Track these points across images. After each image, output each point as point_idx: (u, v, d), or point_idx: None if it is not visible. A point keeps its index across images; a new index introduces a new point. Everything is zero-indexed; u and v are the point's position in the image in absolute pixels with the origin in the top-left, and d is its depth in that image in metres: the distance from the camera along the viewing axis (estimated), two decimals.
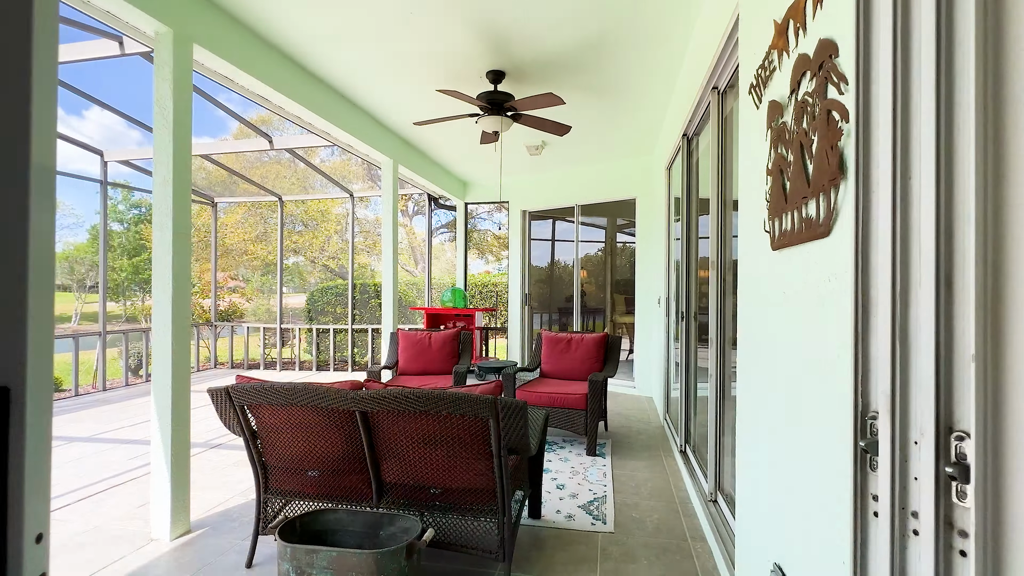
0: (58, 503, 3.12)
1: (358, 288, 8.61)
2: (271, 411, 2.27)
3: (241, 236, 18.56)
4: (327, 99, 4.19)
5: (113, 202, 34.26)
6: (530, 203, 7.46)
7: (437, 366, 4.89)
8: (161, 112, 2.64)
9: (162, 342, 2.64)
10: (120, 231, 33.00)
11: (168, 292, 2.63)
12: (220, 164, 7.28)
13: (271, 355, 8.66)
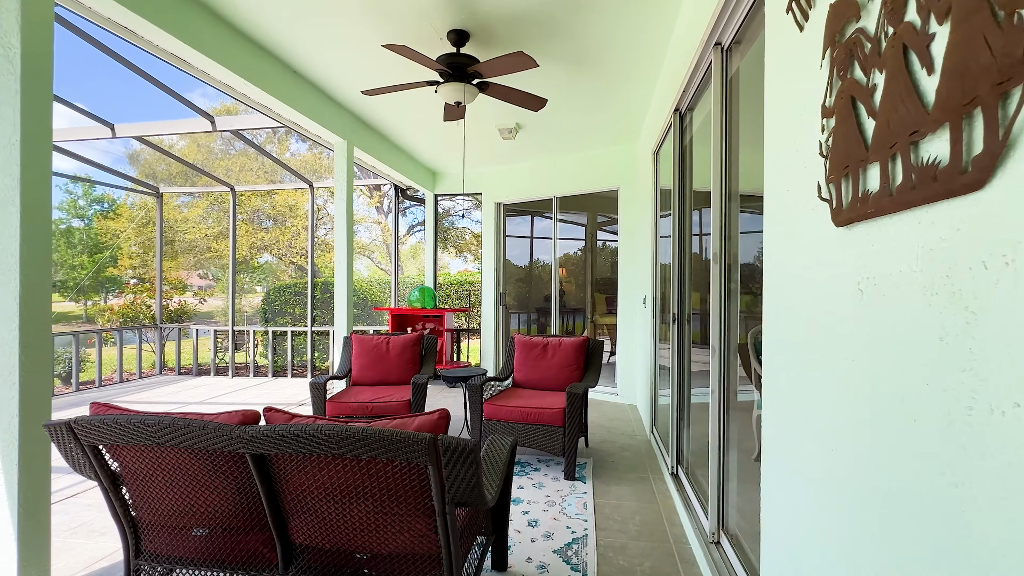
0: None
1: (319, 287, 7.94)
2: (136, 452, 1.67)
3: (203, 232, 17.57)
4: (262, 65, 3.56)
5: (72, 197, 32.62)
6: (505, 195, 6.91)
7: (396, 375, 4.30)
8: (4, 51, 2.00)
9: (5, 354, 2.00)
10: (81, 227, 31.39)
11: (13, 288, 1.99)
12: (155, 147, 6.53)
13: (223, 359, 7.92)
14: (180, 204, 18.01)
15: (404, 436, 1.44)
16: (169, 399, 6.13)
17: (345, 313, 4.74)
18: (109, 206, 32.87)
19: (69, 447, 1.66)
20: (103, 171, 7.03)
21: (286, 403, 5.87)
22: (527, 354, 4.17)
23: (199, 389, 6.68)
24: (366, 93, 3.36)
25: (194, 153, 18.30)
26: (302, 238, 18.04)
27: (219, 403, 5.95)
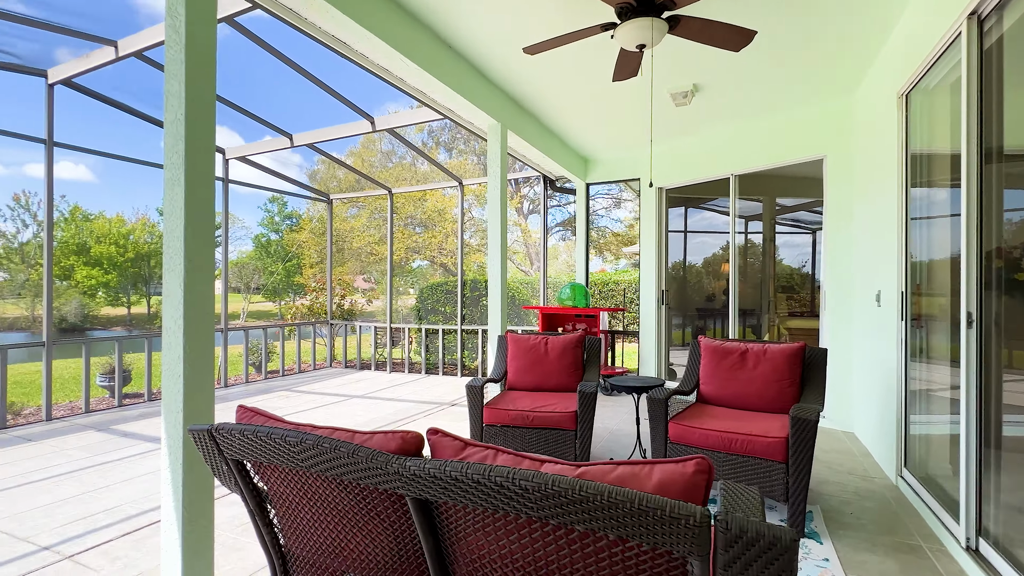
0: (99, 537, 2.58)
1: (468, 285, 7.86)
2: (280, 474, 1.33)
3: (366, 239, 19.36)
4: (418, 37, 3.30)
5: (270, 214, 38.84)
6: (669, 178, 6.03)
7: (555, 380, 3.78)
8: (172, 20, 1.87)
9: (172, 346, 1.87)
10: (275, 239, 37.28)
11: (180, 278, 1.85)
12: (326, 154, 6.96)
13: (381, 355, 8.29)
14: (348, 216, 20.11)
15: (648, 504, 0.83)
16: (335, 391, 6.46)
17: (500, 310, 4.37)
18: (295, 221, 38.50)
19: (213, 456, 1.39)
20: (285, 181, 7.77)
21: (438, 401, 5.77)
22: (718, 363, 3.33)
23: (361, 383, 6.97)
24: (528, 51, 2.88)
25: (358, 165, 20.29)
26: (450, 241, 18.89)
27: (377, 397, 6.08)
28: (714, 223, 7.42)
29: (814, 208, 6.55)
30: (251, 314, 35.58)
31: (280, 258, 34.29)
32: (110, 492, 3.18)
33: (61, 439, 4.36)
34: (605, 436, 4.29)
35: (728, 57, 3.70)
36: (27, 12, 4.10)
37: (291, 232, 33.95)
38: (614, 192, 20.87)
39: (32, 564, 2.32)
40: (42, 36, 4.46)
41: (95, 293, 33.06)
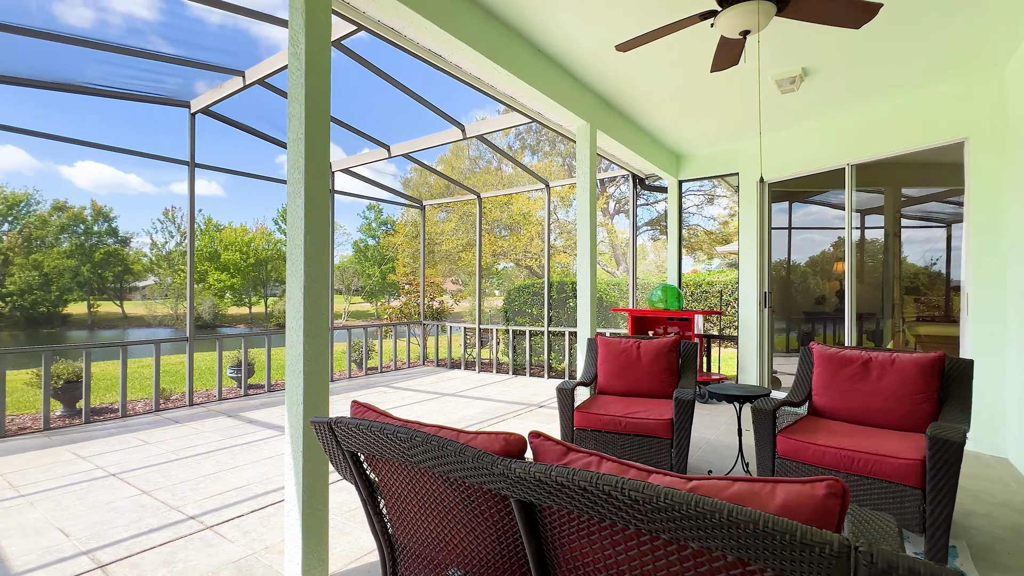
0: (233, 511, 2.91)
1: (555, 287, 7.86)
2: (390, 467, 1.41)
3: (455, 243, 20.07)
4: (508, 45, 3.36)
5: (367, 221, 41.51)
6: (773, 172, 5.60)
7: (648, 385, 3.66)
8: (294, 48, 2.07)
9: (294, 344, 2.05)
10: (372, 244, 39.79)
11: (300, 282, 2.03)
12: (419, 162, 7.31)
13: (470, 355, 8.54)
14: (438, 220, 21.00)
15: (775, 527, 0.77)
16: (428, 388, 6.75)
17: (589, 312, 4.32)
18: (390, 227, 40.86)
19: (331, 447, 1.50)
20: (382, 189, 8.28)
21: (526, 402, 5.82)
22: (834, 373, 3.02)
23: (452, 382, 7.23)
24: (620, 48, 2.82)
25: (448, 171, 21.12)
26: (535, 244, 19.02)
27: (467, 396, 6.26)
28: (823, 218, 6.77)
29: (949, 198, 5.74)
30: (351, 314, 38.44)
31: (376, 262, 36.71)
32: (240, 472, 3.57)
33: (200, 422, 4.98)
34: (701, 446, 4.07)
35: (844, 35, 3.35)
36: (173, 52, 4.75)
37: (386, 237, 36.25)
38: (706, 189, 19.80)
39: (183, 530, 2.68)
40: (184, 72, 5.13)
41: (223, 294, 37.58)
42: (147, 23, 4.82)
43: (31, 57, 4.39)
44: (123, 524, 2.76)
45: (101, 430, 4.72)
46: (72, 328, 34.25)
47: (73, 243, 34.35)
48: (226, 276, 37.02)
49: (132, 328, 35.60)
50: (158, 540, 2.57)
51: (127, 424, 4.94)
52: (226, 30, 4.56)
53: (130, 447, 4.17)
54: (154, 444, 4.25)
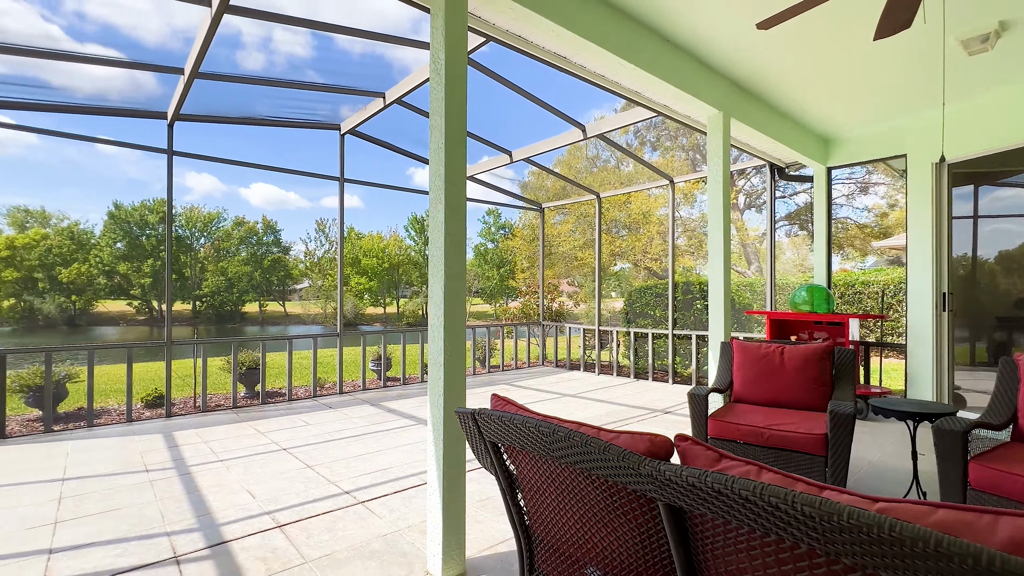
0: (379, 491, 3.21)
1: (680, 288, 7.46)
2: (529, 459, 1.45)
3: (571, 244, 20.06)
4: (633, 38, 3.27)
5: (487, 225, 43.29)
6: (952, 149, 4.73)
7: (794, 395, 3.30)
8: (434, 64, 2.23)
9: (435, 341, 2.21)
10: (491, 248, 41.36)
11: (441, 283, 2.18)
12: (538, 164, 7.42)
13: (589, 357, 8.46)
14: (555, 222, 21.18)
15: (1010, 567, 0.64)
16: (549, 388, 6.83)
17: (722, 314, 4.03)
18: (508, 230, 42.11)
19: (473, 436, 1.59)
20: (502, 193, 8.57)
21: (649, 407, 5.60)
22: None
23: (571, 383, 7.23)
24: (761, 26, 2.58)
25: (565, 173, 21.21)
26: (655, 244, 18.28)
27: (588, 398, 6.21)
28: (1022, 203, 5.55)
29: None
30: (472, 315, 40.38)
31: (495, 264, 38.15)
32: (383, 456, 3.94)
33: (348, 409, 5.59)
34: (862, 468, 3.56)
35: None
36: (323, 80, 5.40)
37: (504, 240, 37.51)
38: (858, 176, 17.40)
39: (340, 503, 3.02)
40: (333, 98, 5.80)
41: (363, 296, 41.86)
42: (303, 59, 5.53)
43: (220, 98, 5.30)
44: (294, 492, 3.20)
45: (273, 411, 5.53)
46: (248, 324, 40.70)
47: (249, 252, 40.93)
48: (365, 279, 41.14)
49: (291, 324, 41.27)
50: (321, 509, 2.94)
51: (292, 407, 5.72)
52: (366, 57, 5.17)
53: (295, 427, 4.82)
54: (314, 425, 4.86)
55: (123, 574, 2.26)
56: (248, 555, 2.42)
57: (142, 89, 5.09)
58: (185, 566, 2.32)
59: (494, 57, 12.19)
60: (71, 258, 34.86)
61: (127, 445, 4.22)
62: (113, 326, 36.49)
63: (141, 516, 2.85)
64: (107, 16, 42.89)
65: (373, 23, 29.96)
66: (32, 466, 3.69)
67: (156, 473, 3.54)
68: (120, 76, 5.40)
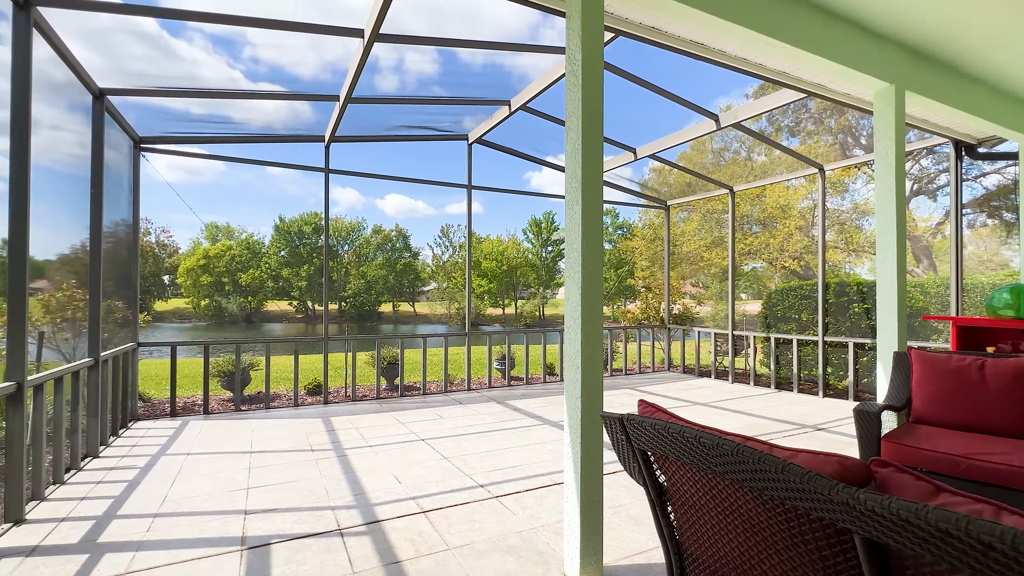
0: (512, 487, 3.29)
1: (832, 289, 6.61)
2: (685, 471, 1.36)
3: (696, 243, 18.89)
4: (782, 14, 2.96)
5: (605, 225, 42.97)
6: None
7: (1001, 419, 2.72)
8: (570, 65, 2.23)
9: (572, 342, 2.20)
10: (609, 248, 40.62)
11: (577, 284, 2.16)
12: (663, 160, 7.08)
13: (722, 363, 7.85)
14: (678, 220, 20.11)
15: None
16: (676, 395, 6.47)
17: (896, 319, 3.47)
18: (626, 230, 41.08)
19: (620, 443, 1.54)
20: (624, 192, 8.33)
21: (796, 422, 5.02)
22: None
23: (701, 390, 6.77)
24: None
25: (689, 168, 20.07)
26: (794, 241, 16.44)
27: (721, 407, 5.76)
28: None
29: None
30: None
31: (613, 265, 37.35)
32: (512, 453, 4.04)
33: (476, 405, 5.84)
34: None
35: None
36: (447, 94, 5.71)
37: (623, 240, 36.54)
38: None
39: (476, 495, 3.16)
40: (457, 110, 6.11)
41: (483, 297, 43.71)
42: (430, 76, 5.91)
43: (361, 119, 5.85)
44: (434, 480, 3.42)
45: (410, 403, 5.98)
46: (383, 322, 44.79)
47: (384, 258, 45.11)
48: (484, 281, 42.90)
49: (420, 323, 44.54)
50: (459, 500, 3.09)
51: (426, 401, 6.14)
52: (488, 68, 5.43)
53: (430, 420, 5.15)
54: (446, 419, 5.16)
55: (300, 539, 2.59)
56: (398, 535, 2.63)
57: (300, 118, 6.02)
58: (348, 538, 2.60)
59: (614, 53, 11.79)
60: (248, 265, 41.40)
61: (295, 426, 4.86)
62: (278, 322, 42.58)
63: (310, 490, 3.25)
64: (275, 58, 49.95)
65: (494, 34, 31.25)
66: (229, 439, 4.42)
67: (319, 453, 4.03)
68: (283, 108, 6.39)
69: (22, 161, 2.79)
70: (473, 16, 24.17)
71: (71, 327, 4.23)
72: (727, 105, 21.88)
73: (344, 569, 2.30)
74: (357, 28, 3.71)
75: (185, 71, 47.57)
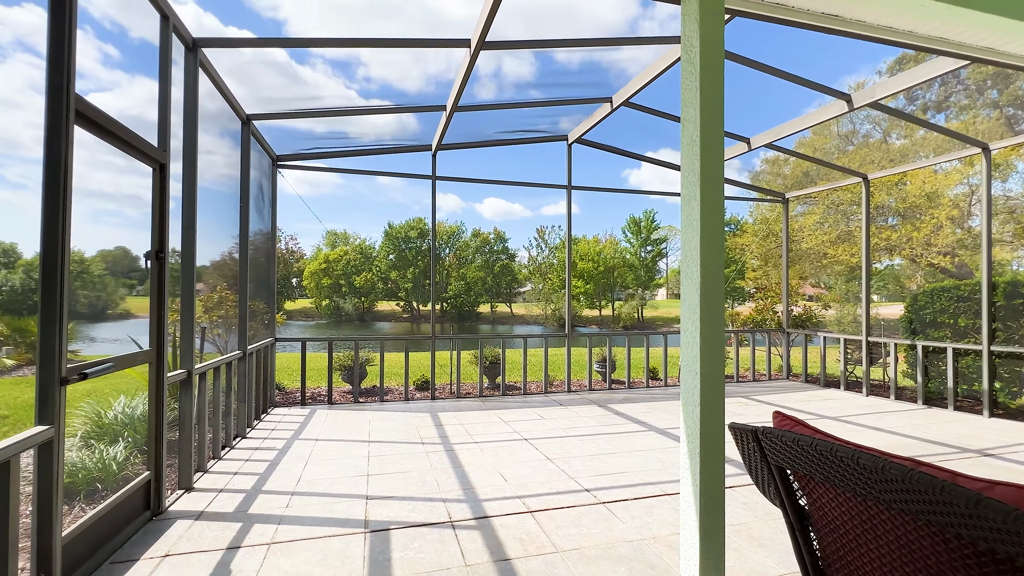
0: (618, 494, 3.19)
1: (1001, 290, 5.60)
2: (834, 495, 1.21)
3: (818, 239, 17.07)
4: None
5: None
6: None
7: None
8: (687, 53, 2.10)
9: (690, 346, 2.07)
10: None
11: (695, 284, 2.03)
12: (781, 149, 6.47)
13: (854, 373, 6.99)
14: (795, 214, 18.34)
15: None
16: (798, 406, 5.87)
17: None
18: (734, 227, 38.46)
19: (753, 459, 1.41)
20: (736, 186, 7.76)
21: (956, 445, 4.30)
22: None
23: (829, 402, 6.08)
24: None
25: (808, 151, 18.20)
26: (944, 234, 14.20)
27: (853, 423, 5.13)
28: None
29: None
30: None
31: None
32: (617, 459, 3.92)
33: (577, 407, 5.77)
34: None
35: None
36: (544, 96, 5.69)
37: (731, 237, 34.16)
38: None
39: (582, 499, 3.11)
40: (552, 111, 6.07)
41: (579, 298, 43.32)
42: (527, 80, 5.96)
43: (462, 127, 6.04)
44: (539, 481, 3.42)
45: (511, 402, 6.08)
46: (481, 322, 46.21)
47: (482, 260, 46.57)
48: (580, 282, 42.47)
49: (516, 324, 45.30)
50: (565, 502, 3.07)
51: (527, 400, 6.20)
52: (584, 65, 5.34)
53: (532, 419, 5.19)
54: (548, 420, 5.16)
55: (415, 527, 2.73)
56: (507, 533, 2.66)
57: (406, 129, 6.48)
58: (459, 531, 2.69)
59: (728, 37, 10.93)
60: (361, 268, 45.03)
61: (406, 419, 5.16)
62: (387, 321, 45.78)
63: (422, 481, 3.43)
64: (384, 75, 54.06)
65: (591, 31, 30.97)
66: (349, 428, 4.82)
67: (429, 446, 4.23)
68: (392, 121, 6.95)
69: (190, 182, 3.27)
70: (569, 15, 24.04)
71: (223, 324, 4.88)
72: (857, 83, 19.53)
73: (457, 561, 2.38)
74: (464, 38, 3.85)
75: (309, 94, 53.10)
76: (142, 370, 3.38)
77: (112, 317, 35.18)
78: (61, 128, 2.00)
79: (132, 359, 2.64)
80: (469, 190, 78.44)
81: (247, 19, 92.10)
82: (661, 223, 45.92)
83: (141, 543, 2.54)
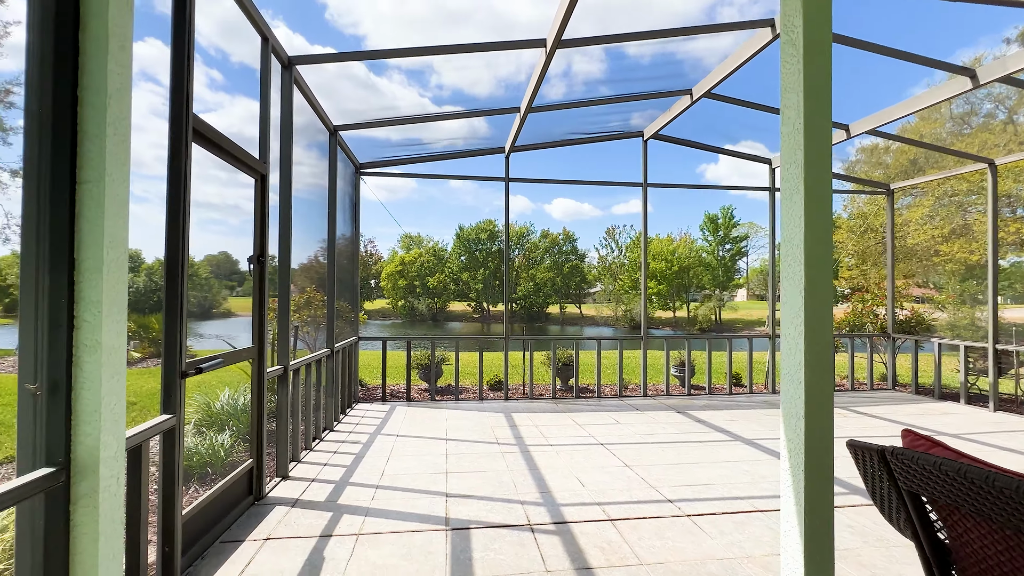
0: (704, 507, 3.02)
1: None
2: (986, 530, 1.04)
3: (928, 234, 15.34)
4: None
5: None
6: None
7: None
8: (787, 34, 1.93)
9: (792, 353, 1.90)
10: None
11: (799, 286, 1.86)
12: (891, 136, 5.84)
13: (977, 385, 6.17)
14: (899, 207, 16.59)
15: None
16: (906, 420, 5.27)
17: None
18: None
19: (878, 483, 1.26)
20: (833, 179, 7.12)
21: None
22: None
23: (947, 417, 5.41)
24: None
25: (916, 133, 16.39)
26: None
27: (981, 442, 4.51)
28: None
29: None
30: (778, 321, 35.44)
31: None
32: (700, 469, 3.72)
33: (654, 413, 5.56)
34: None
35: None
36: (614, 92, 5.51)
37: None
38: None
39: (665, 510, 2.98)
40: (624, 107, 5.87)
41: (651, 299, 41.97)
42: (596, 78, 5.81)
43: (531, 128, 6.00)
44: (618, 488, 3.32)
45: (585, 405, 5.97)
46: (550, 323, 46.11)
47: (551, 260, 46.43)
48: (653, 283, 41.14)
49: (586, 325, 44.71)
50: (647, 512, 2.95)
51: (601, 404, 6.07)
52: (657, 58, 5.10)
53: (607, 424, 5.06)
54: (624, 425, 5.01)
55: (495, 527, 2.74)
56: (587, 540, 2.60)
57: (477, 133, 6.62)
58: (538, 535, 2.66)
59: None
60: (434, 269, 46.54)
61: (481, 419, 5.22)
62: (458, 321, 46.97)
63: (499, 481, 3.44)
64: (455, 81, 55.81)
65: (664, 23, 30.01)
66: (427, 425, 4.96)
67: (504, 447, 4.25)
68: (464, 126, 7.37)
69: (286, 191, 3.51)
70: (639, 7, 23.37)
71: (311, 323, 5.20)
72: (974, 58, 17.33)
73: (537, 566, 2.35)
74: (540, 39, 3.83)
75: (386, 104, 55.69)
76: (242, 365, 3.67)
77: (216, 315, 38.92)
78: (181, 146, 2.21)
79: (238, 355, 2.87)
80: (538, 191, 78.78)
81: (330, 37, 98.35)
82: (741, 219, 43.41)
83: (246, 525, 2.75)
